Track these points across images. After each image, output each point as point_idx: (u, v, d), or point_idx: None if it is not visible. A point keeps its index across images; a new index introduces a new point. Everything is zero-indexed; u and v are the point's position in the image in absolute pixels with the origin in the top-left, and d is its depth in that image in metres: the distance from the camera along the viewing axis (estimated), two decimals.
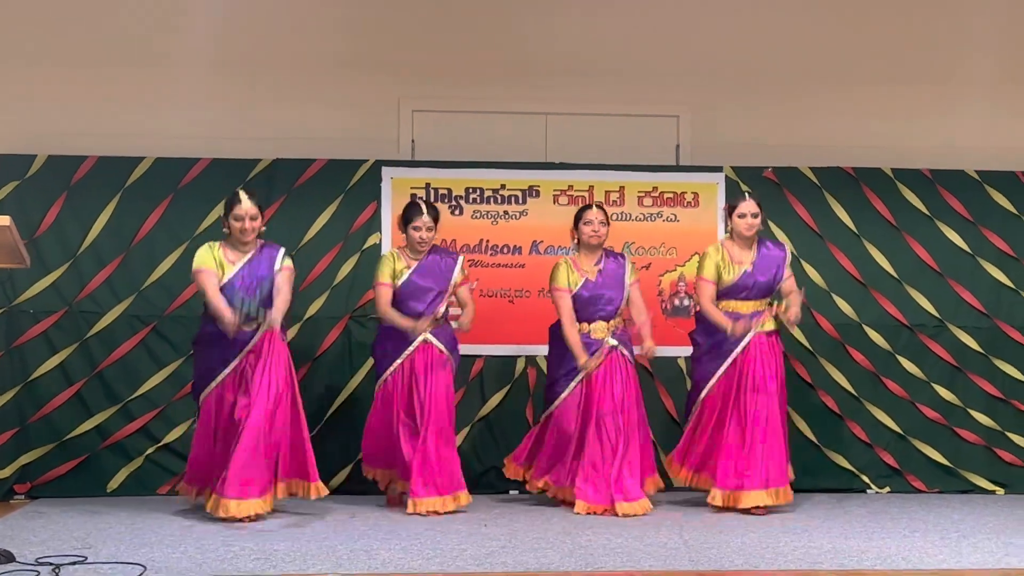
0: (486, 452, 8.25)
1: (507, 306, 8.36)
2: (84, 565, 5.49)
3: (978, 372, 8.46)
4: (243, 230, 6.97)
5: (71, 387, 7.98)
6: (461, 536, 6.37)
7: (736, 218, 7.43)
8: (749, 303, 7.41)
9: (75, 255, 8.08)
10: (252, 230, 7.00)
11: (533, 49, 8.80)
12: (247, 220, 6.96)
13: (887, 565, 5.64)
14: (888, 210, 8.54)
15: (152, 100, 8.46)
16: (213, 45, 8.53)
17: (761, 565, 5.64)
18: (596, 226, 7.49)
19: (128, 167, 8.17)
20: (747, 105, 8.84)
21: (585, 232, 7.50)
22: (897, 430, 8.41)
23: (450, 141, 8.63)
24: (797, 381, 8.35)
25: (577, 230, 7.55)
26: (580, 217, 7.55)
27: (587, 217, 7.52)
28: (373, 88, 8.65)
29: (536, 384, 8.24)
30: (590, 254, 7.54)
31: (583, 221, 7.52)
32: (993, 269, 8.52)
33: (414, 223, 7.35)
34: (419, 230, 7.34)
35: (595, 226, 7.48)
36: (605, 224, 7.52)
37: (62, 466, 7.93)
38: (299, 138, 8.44)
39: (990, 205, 8.58)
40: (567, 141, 8.72)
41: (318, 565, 5.58)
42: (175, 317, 8.07)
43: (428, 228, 7.35)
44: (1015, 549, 6.08)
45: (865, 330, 8.44)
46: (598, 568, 5.55)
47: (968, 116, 8.85)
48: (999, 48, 8.90)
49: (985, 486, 8.39)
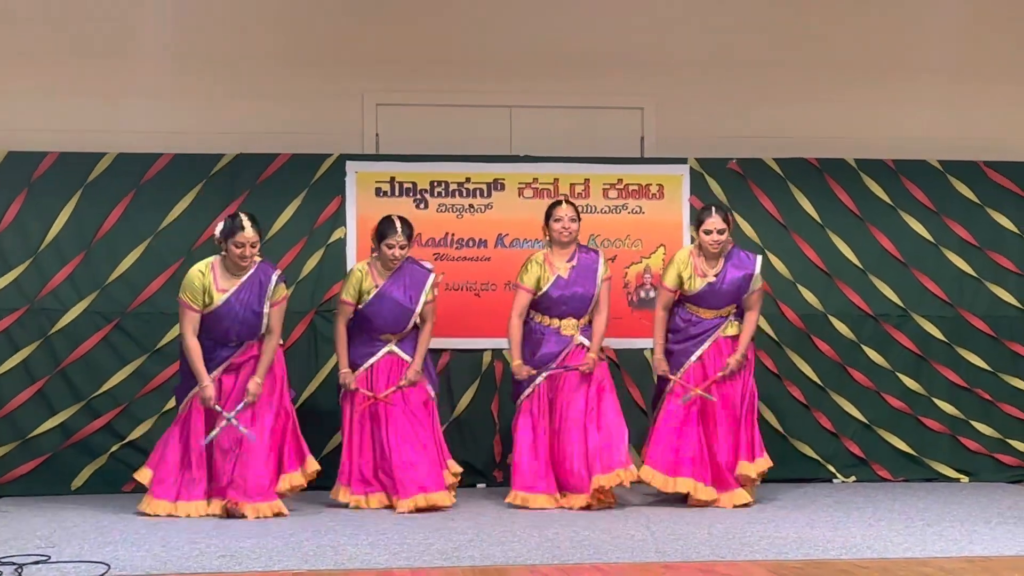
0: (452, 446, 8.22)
1: (473, 299, 8.35)
2: (47, 564, 5.44)
3: (942, 361, 8.51)
4: (243, 256, 6.97)
5: (33, 385, 7.92)
6: (428, 531, 6.35)
7: (702, 233, 7.33)
8: (711, 311, 7.37)
9: (36, 252, 8.01)
10: (251, 255, 7.01)
11: (497, 42, 8.79)
12: (247, 247, 6.96)
13: (853, 554, 5.66)
14: (852, 200, 8.58)
15: (114, 95, 8.41)
16: (175, 40, 8.49)
17: (727, 555, 5.64)
18: (566, 223, 7.41)
19: (90, 163, 8.11)
20: (712, 97, 8.85)
21: (555, 229, 7.43)
22: (863, 420, 8.45)
23: (414, 135, 8.60)
24: (763, 372, 8.38)
25: (548, 227, 7.47)
26: (550, 214, 7.46)
27: (557, 214, 7.44)
28: (337, 82, 8.62)
29: (503, 377, 8.23)
30: (562, 250, 7.47)
31: (553, 218, 7.44)
32: (956, 258, 8.58)
33: (387, 240, 7.24)
34: (392, 248, 7.24)
35: (565, 223, 7.41)
36: (575, 220, 7.42)
37: (25, 465, 7.87)
38: (263, 133, 8.41)
39: (952, 195, 8.63)
40: (532, 134, 8.71)
41: (284, 562, 5.55)
42: (138, 314, 8.02)
43: (401, 246, 7.26)
44: (979, 537, 6.12)
45: (830, 320, 8.48)
46: (565, 561, 5.54)
47: (930, 106, 8.92)
48: (960, 38, 8.96)
49: (950, 474, 8.44)
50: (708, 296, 7.33)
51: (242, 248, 6.93)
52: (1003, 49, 9.04)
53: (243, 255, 6.95)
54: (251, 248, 6.98)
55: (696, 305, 7.36)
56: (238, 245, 6.93)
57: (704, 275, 7.32)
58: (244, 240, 6.93)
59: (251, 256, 7.01)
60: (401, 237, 7.25)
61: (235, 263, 6.99)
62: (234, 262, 6.99)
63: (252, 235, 6.96)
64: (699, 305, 7.36)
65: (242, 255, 6.95)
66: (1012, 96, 9.02)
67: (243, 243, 6.93)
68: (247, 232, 6.94)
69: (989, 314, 8.56)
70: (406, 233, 7.30)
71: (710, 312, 7.36)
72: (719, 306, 7.36)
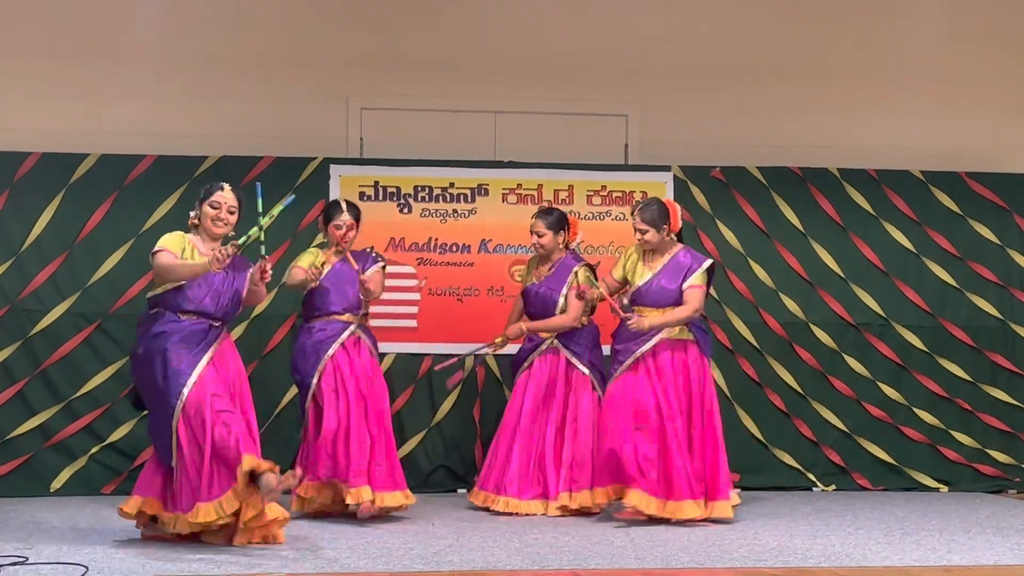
0: (434, 451, 8.24)
1: (456, 304, 8.35)
2: (25, 566, 5.41)
3: (922, 371, 8.54)
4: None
5: (14, 386, 7.89)
6: (408, 535, 6.35)
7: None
8: (656, 310, 6.97)
9: (18, 252, 7.98)
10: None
11: (482, 48, 8.80)
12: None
13: (831, 562, 5.67)
14: (834, 210, 8.61)
15: (98, 96, 8.41)
16: (160, 41, 8.49)
17: (707, 563, 5.65)
18: (534, 239, 7.40)
19: (72, 164, 8.08)
20: (696, 105, 8.88)
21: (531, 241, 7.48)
22: (843, 428, 8.48)
23: (399, 139, 8.61)
24: (744, 379, 8.41)
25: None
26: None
27: (530, 228, 7.45)
28: (322, 86, 8.62)
29: (485, 383, 8.23)
30: (544, 261, 7.49)
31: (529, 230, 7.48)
32: (937, 269, 8.61)
33: (335, 221, 7.06)
34: (340, 228, 7.04)
35: (533, 239, 7.41)
36: (543, 235, 7.34)
37: (4, 466, 7.84)
38: (247, 135, 8.39)
39: (934, 205, 8.67)
40: (516, 140, 8.72)
41: (263, 564, 5.54)
42: (120, 315, 7.99)
43: (349, 227, 7.05)
44: (957, 546, 6.14)
45: (812, 329, 8.50)
46: (545, 567, 5.54)
47: (913, 117, 8.97)
48: (944, 50, 9.01)
49: (929, 484, 8.47)
50: (648, 294, 7.02)
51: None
52: (986, 61, 9.08)
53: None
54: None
55: (642, 306, 7.05)
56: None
57: (652, 268, 7.03)
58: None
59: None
60: (348, 217, 7.05)
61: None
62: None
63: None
64: (644, 304, 7.04)
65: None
66: (995, 107, 9.07)
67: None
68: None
69: (970, 324, 8.59)
70: (353, 214, 7.11)
71: (655, 311, 6.99)
72: (662, 304, 7.00)
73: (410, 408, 8.20)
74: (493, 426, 8.08)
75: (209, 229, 6.18)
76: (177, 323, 6.01)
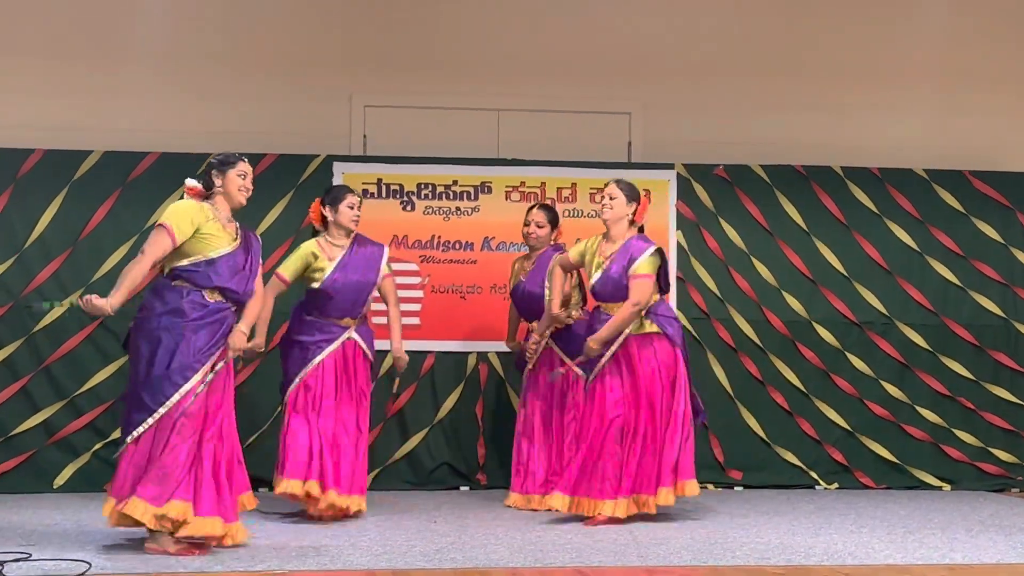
0: (437, 448, 8.24)
1: (459, 302, 8.34)
2: (28, 562, 5.42)
3: (926, 369, 8.54)
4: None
5: (17, 382, 7.89)
6: (411, 532, 6.35)
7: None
8: (614, 304, 6.80)
9: (21, 249, 7.98)
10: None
11: (486, 46, 8.80)
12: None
13: (834, 560, 5.67)
14: (838, 208, 8.60)
15: (101, 93, 8.40)
16: (163, 38, 8.48)
17: (709, 560, 5.65)
18: (532, 228, 7.43)
19: (76, 160, 8.08)
20: (699, 103, 8.88)
21: (524, 232, 7.50)
22: (846, 427, 8.47)
23: (402, 137, 8.61)
24: (747, 377, 8.41)
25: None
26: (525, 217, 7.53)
27: (527, 218, 7.48)
28: (325, 83, 8.62)
29: (488, 380, 8.24)
30: (532, 254, 7.53)
31: (524, 221, 7.50)
32: (941, 267, 8.60)
33: (347, 201, 6.88)
34: (353, 208, 6.88)
35: (531, 228, 7.44)
36: (542, 226, 7.41)
37: (7, 462, 7.84)
38: (250, 133, 8.39)
39: (938, 204, 8.67)
40: (519, 137, 8.71)
41: (266, 562, 5.54)
42: (123, 312, 7.93)
43: (359, 206, 6.93)
44: (960, 545, 6.14)
45: (815, 327, 8.50)
46: (548, 564, 5.54)
47: (917, 115, 8.96)
48: (947, 48, 9.01)
49: (932, 482, 8.47)
50: (604, 289, 6.87)
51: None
52: (990, 59, 9.08)
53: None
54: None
55: (603, 301, 6.93)
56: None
57: (605, 256, 6.88)
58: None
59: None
60: (356, 197, 6.95)
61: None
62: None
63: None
64: (604, 300, 6.92)
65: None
66: (998, 106, 9.06)
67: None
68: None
69: (972, 323, 8.59)
70: (359, 196, 7.03)
71: (615, 306, 6.82)
72: (619, 299, 6.80)
73: (413, 405, 8.20)
74: (495, 423, 8.12)
75: (234, 196, 5.95)
76: (200, 302, 5.77)
